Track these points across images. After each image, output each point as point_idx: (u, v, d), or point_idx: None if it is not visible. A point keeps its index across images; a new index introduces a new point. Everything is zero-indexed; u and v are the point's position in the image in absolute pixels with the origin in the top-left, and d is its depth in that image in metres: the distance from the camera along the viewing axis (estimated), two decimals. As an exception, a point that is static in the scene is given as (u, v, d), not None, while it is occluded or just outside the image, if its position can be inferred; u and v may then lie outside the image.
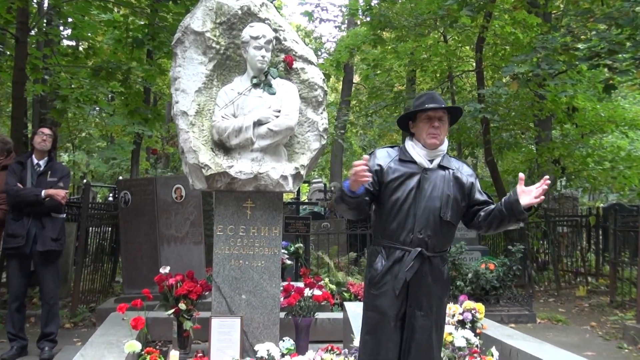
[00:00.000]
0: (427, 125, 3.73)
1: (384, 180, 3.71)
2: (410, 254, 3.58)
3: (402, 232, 3.62)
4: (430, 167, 3.72)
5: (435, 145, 3.72)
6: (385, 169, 3.72)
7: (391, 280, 3.62)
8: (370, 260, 3.80)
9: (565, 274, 12.44)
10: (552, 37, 9.54)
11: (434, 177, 3.69)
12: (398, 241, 3.63)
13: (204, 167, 4.97)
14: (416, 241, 3.59)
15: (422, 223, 3.61)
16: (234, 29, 5.35)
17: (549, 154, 13.17)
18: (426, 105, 3.73)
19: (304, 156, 5.33)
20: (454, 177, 3.75)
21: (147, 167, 19.82)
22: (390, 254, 3.65)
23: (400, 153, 3.81)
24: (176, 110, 5.13)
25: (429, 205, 3.63)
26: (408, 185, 3.67)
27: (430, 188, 3.66)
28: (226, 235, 5.22)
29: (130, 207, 8.53)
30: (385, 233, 3.70)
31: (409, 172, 3.70)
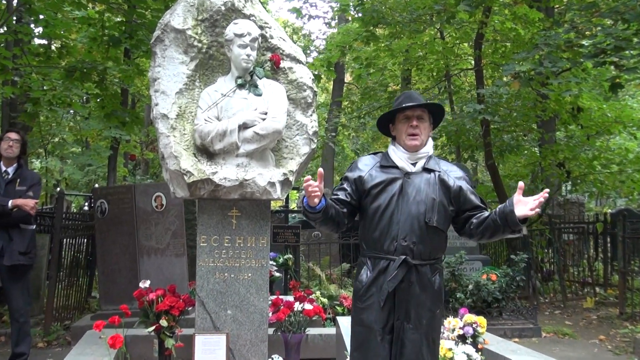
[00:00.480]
0: (406, 126, 3.76)
1: (365, 188, 3.73)
2: (394, 263, 3.58)
3: (385, 240, 3.63)
4: (413, 171, 3.74)
5: (415, 147, 3.74)
6: (365, 178, 3.75)
7: (376, 293, 3.62)
8: (357, 272, 3.82)
9: (572, 285, 12.47)
10: (555, 33, 9.59)
11: (417, 181, 3.71)
12: (382, 250, 3.64)
13: (185, 174, 4.95)
14: (400, 249, 3.60)
15: (406, 229, 3.61)
16: (217, 26, 5.35)
17: (553, 156, 13.21)
18: (403, 104, 3.75)
19: (293, 161, 5.32)
20: (439, 180, 3.75)
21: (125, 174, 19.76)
22: (376, 265, 3.66)
23: (382, 159, 3.83)
24: (156, 113, 5.11)
25: (413, 210, 3.63)
26: (390, 191, 3.68)
27: (414, 192, 3.67)
28: (210, 246, 5.21)
29: (107, 217, 8.49)
30: (370, 243, 3.72)
31: (391, 177, 3.71)
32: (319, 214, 3.49)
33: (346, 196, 3.74)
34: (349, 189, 3.78)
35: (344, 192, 3.78)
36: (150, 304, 5.60)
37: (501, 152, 13.79)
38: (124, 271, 8.28)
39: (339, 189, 3.82)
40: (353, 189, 3.76)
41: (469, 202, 3.79)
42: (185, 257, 8.12)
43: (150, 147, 19.53)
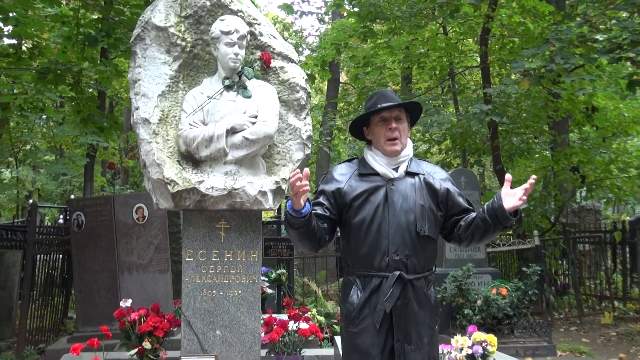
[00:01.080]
0: (384, 129, 3.72)
1: (345, 201, 3.67)
2: (387, 280, 3.53)
3: (375, 256, 3.58)
4: (396, 177, 3.70)
5: (396, 151, 3.71)
6: (344, 189, 3.69)
7: (370, 314, 3.57)
8: (344, 293, 3.74)
9: (589, 299, 12.49)
10: (567, 27, 9.64)
11: (402, 187, 3.68)
12: (372, 267, 3.58)
13: (169, 183, 4.95)
14: (393, 264, 3.55)
15: (397, 242, 3.57)
16: (202, 23, 5.35)
17: (566, 160, 13.26)
18: (378, 105, 3.71)
19: (286, 168, 5.32)
20: (425, 184, 3.73)
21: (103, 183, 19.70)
22: (367, 283, 3.60)
23: (360, 166, 3.79)
24: (136, 118, 5.11)
25: (402, 220, 3.60)
26: (374, 201, 3.64)
27: (400, 200, 3.63)
28: (197, 261, 5.20)
29: (84, 230, 8.48)
30: (357, 260, 3.65)
31: (373, 186, 3.67)
32: (304, 219, 3.39)
33: (324, 211, 3.66)
34: (327, 202, 3.70)
35: (321, 207, 3.69)
36: (132, 324, 5.59)
37: (510, 156, 13.85)
38: (103, 289, 8.26)
39: (315, 204, 3.72)
40: (332, 202, 3.70)
41: (457, 205, 3.79)
42: (169, 274, 8.11)
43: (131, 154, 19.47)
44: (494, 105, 11.85)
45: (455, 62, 15.62)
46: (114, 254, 8.19)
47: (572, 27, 9.58)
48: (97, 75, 10.83)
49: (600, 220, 15.95)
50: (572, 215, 15.41)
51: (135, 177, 21.51)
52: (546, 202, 14.02)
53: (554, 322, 10.83)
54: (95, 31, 10.14)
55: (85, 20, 10.68)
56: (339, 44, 14.14)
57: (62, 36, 11.17)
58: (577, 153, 13.41)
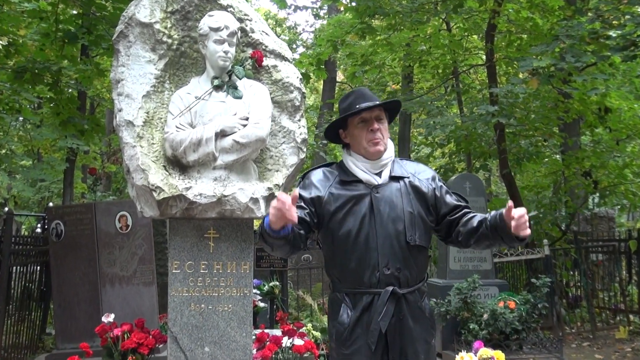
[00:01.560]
0: (364, 131, 3.69)
1: (326, 211, 3.65)
2: (380, 296, 3.51)
3: (364, 271, 3.55)
4: (380, 183, 3.68)
5: (379, 153, 3.68)
6: (325, 198, 3.67)
7: (363, 334, 3.54)
8: (333, 311, 3.71)
9: (602, 312, 12.50)
10: (578, 22, 9.66)
11: (387, 194, 3.65)
12: (362, 283, 3.56)
13: (155, 190, 4.94)
14: (384, 279, 3.53)
15: (387, 255, 3.54)
16: (189, 19, 5.36)
17: (578, 165, 13.28)
18: (357, 106, 3.68)
19: (279, 174, 5.32)
20: (412, 187, 3.70)
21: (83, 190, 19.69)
22: (357, 301, 3.58)
23: (341, 173, 3.76)
24: (119, 120, 5.11)
25: (390, 230, 3.57)
26: (358, 211, 3.61)
27: (386, 208, 3.60)
28: (184, 273, 5.19)
29: (63, 240, 8.47)
30: (345, 275, 3.63)
31: (356, 194, 3.64)
32: (281, 240, 3.36)
33: (306, 215, 3.61)
34: (308, 208, 3.66)
35: (302, 211, 3.61)
36: (115, 341, 5.58)
37: (518, 160, 13.87)
38: (83, 303, 8.25)
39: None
40: (312, 210, 3.66)
41: (447, 204, 3.76)
42: (154, 286, 8.10)
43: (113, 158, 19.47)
44: (500, 106, 11.87)
45: (459, 60, 15.66)
46: (96, 265, 8.18)
47: (583, 22, 9.61)
48: (78, 75, 10.82)
49: (614, 228, 15.97)
50: (584, 223, 15.43)
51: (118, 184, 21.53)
52: (556, 209, 14.05)
53: (565, 337, 10.84)
54: (75, 27, 10.13)
55: (64, 15, 10.67)
56: (336, 40, 14.16)
57: (40, 33, 11.16)
58: (590, 157, 13.42)
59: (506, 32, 14.09)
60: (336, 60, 20.08)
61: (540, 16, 12.75)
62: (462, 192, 10.82)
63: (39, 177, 18.34)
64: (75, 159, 14.71)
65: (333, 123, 3.88)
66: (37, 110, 15.85)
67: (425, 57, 15.10)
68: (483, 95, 16.00)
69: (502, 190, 23.66)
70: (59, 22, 10.48)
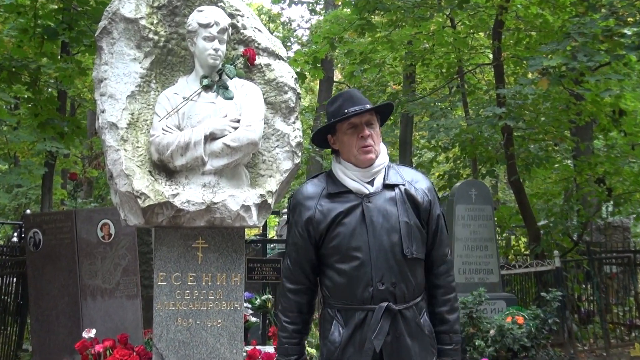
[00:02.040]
0: (354, 137, 3.65)
1: (319, 230, 3.63)
2: (374, 313, 3.48)
3: (357, 286, 3.53)
4: (372, 192, 3.64)
5: (371, 160, 3.65)
6: (316, 217, 3.64)
7: (356, 354, 3.52)
8: (323, 329, 3.71)
9: (616, 328, 12.50)
10: (591, 19, 9.68)
11: (380, 203, 3.61)
12: (355, 299, 3.54)
13: (139, 197, 4.94)
14: (379, 295, 3.50)
15: (381, 269, 3.51)
16: (177, 14, 5.36)
17: (591, 171, 13.29)
18: (345, 110, 3.64)
19: (272, 179, 5.32)
20: (407, 196, 3.66)
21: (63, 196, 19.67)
22: (349, 318, 3.56)
23: (329, 184, 3.73)
24: (102, 122, 5.11)
25: (384, 242, 3.54)
26: (349, 223, 3.58)
27: (379, 219, 3.57)
28: (170, 285, 5.19)
29: (41, 250, 8.46)
30: (336, 291, 3.62)
31: (347, 206, 3.61)
32: None
33: (306, 258, 3.72)
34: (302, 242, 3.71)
35: (300, 256, 3.73)
36: (97, 358, 5.58)
37: (527, 165, 13.87)
38: (63, 317, 8.23)
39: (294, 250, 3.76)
40: (306, 239, 3.69)
41: (437, 245, 3.76)
42: (139, 300, 8.09)
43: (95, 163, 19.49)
44: (508, 108, 11.88)
45: (465, 59, 15.68)
46: (76, 276, 8.17)
47: (596, 19, 9.62)
48: (58, 74, 10.82)
49: (629, 239, 15.98)
50: (598, 233, 15.44)
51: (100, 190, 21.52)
52: (568, 218, 14.04)
53: (577, 355, 10.84)
54: (55, 23, 10.13)
55: (44, 10, 10.68)
56: (333, 38, 14.15)
57: (18, 28, 11.16)
58: (603, 162, 13.43)
59: (514, 30, 14.11)
60: (333, 58, 20.08)
61: (550, 12, 12.78)
62: (468, 199, 10.86)
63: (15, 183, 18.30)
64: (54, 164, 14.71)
65: (321, 129, 3.85)
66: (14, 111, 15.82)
67: (429, 56, 15.10)
68: (490, 97, 16.01)
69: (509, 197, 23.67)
70: (37, 17, 10.48)
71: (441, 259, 3.75)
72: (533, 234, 13.07)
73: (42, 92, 11.05)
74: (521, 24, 13.76)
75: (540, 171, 15.02)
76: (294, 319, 3.74)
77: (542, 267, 11.43)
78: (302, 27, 27.38)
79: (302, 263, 3.70)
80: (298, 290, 3.73)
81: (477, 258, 10.88)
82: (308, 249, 3.68)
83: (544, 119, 12.92)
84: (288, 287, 3.75)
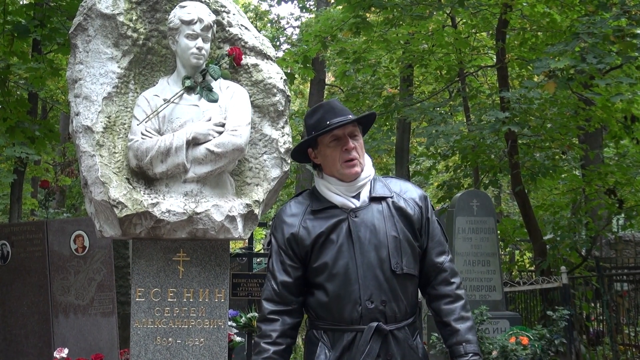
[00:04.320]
0: (338, 150, 3.65)
1: (303, 248, 3.64)
2: (363, 334, 3.49)
3: (345, 306, 3.54)
4: (358, 206, 3.65)
5: (356, 174, 3.66)
6: (300, 235, 3.65)
7: None
8: (308, 351, 3.72)
9: (627, 349, 12.52)
10: (601, 19, 9.72)
11: (368, 217, 3.62)
12: (342, 319, 3.55)
13: (116, 206, 4.93)
14: (368, 314, 3.51)
15: (370, 286, 3.52)
16: (157, 10, 5.37)
17: (601, 181, 13.32)
18: (327, 122, 3.64)
19: (259, 188, 5.32)
20: (395, 208, 3.67)
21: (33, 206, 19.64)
22: (336, 340, 3.57)
23: (313, 201, 3.74)
24: (76, 125, 5.10)
25: (372, 258, 3.55)
26: (335, 240, 3.59)
27: (367, 234, 3.58)
28: (149, 301, 5.18)
29: (9, 263, 8.44)
30: (322, 311, 3.63)
31: (332, 222, 3.62)
32: None
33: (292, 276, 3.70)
34: (289, 260, 3.70)
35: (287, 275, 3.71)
36: (69, 380, 5.56)
37: (532, 175, 13.90)
38: (32, 336, 8.21)
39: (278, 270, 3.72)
40: (291, 257, 3.69)
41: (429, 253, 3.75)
42: (115, 317, 8.07)
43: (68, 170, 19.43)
44: (512, 113, 11.89)
45: (466, 60, 15.70)
46: (47, 292, 8.14)
47: (607, 19, 9.66)
48: (28, 74, 10.81)
49: (641, 254, 16.02)
50: (608, 247, 15.48)
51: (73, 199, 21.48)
52: (576, 232, 14.07)
53: (585, 378, 10.86)
54: (26, 20, 10.12)
55: (14, 6, 10.68)
56: (325, 37, 14.16)
57: (-15, 25, 11.17)
58: (614, 172, 13.46)
59: (519, 29, 14.15)
60: (325, 59, 20.10)
61: (558, 11, 12.82)
62: (469, 210, 10.87)
63: (-19, 191, 18.30)
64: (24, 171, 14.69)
65: (301, 143, 3.84)
66: (-19, 114, 15.80)
67: (427, 57, 15.12)
68: (493, 101, 16.03)
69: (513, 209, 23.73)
70: (7, 13, 10.46)
71: (437, 267, 3.74)
72: (538, 249, 13.09)
73: (12, 94, 11.02)
74: (527, 23, 13.81)
75: (547, 181, 15.05)
76: (276, 338, 3.66)
77: (548, 284, 11.45)
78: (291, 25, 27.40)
79: (288, 282, 3.68)
80: (284, 312, 3.70)
81: (478, 274, 10.86)
82: (294, 267, 3.67)
83: (551, 125, 12.95)
84: (272, 309, 3.69)
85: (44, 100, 18.32)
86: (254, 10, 26.87)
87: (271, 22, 26.51)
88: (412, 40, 14.38)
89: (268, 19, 26.57)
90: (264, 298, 3.72)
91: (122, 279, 8.82)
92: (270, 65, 5.51)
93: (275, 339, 3.64)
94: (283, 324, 3.68)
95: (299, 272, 3.67)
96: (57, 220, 11.31)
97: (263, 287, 3.79)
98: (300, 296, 3.72)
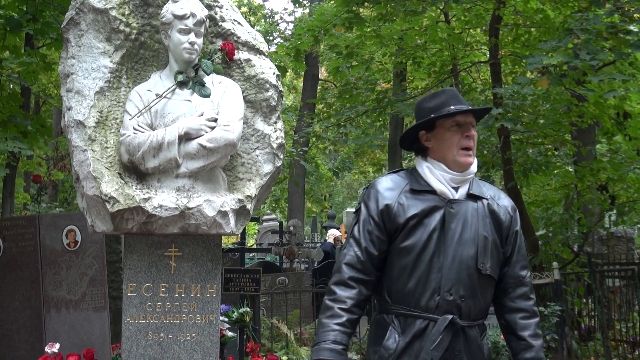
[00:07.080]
0: (458, 136, 3.65)
1: (395, 223, 3.61)
2: (436, 324, 3.48)
3: (423, 293, 3.53)
4: (456, 198, 3.64)
5: (469, 165, 3.65)
6: (395, 209, 3.62)
7: None
8: (376, 335, 3.69)
9: (619, 345, 12.54)
10: (595, 15, 9.72)
11: (463, 212, 3.61)
12: (418, 306, 3.54)
13: (108, 201, 4.92)
14: (444, 305, 3.50)
15: (452, 279, 3.52)
16: (150, 4, 5.36)
17: (593, 177, 13.33)
18: (451, 106, 3.64)
19: (252, 183, 5.32)
20: (490, 212, 3.67)
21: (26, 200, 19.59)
22: (408, 326, 3.55)
23: (412, 180, 3.71)
24: (68, 120, 5.09)
25: (460, 252, 3.54)
26: (428, 225, 3.58)
27: (459, 228, 3.57)
28: (141, 297, 5.18)
29: (1, 258, 8.42)
30: (398, 295, 3.61)
31: (428, 206, 3.60)
32: None
33: (377, 248, 3.65)
34: (377, 231, 3.65)
35: (373, 245, 3.66)
36: (60, 375, 5.55)
37: (525, 171, 13.89)
38: (24, 331, 8.19)
39: (365, 238, 3.67)
40: (381, 228, 3.64)
41: (513, 265, 3.75)
42: (107, 312, 8.06)
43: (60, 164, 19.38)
44: (505, 109, 11.88)
45: (459, 56, 15.69)
46: (39, 287, 8.12)
47: (600, 15, 9.66)
48: (21, 68, 10.77)
49: (633, 250, 16.04)
50: (600, 244, 15.50)
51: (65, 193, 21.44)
52: (568, 228, 14.07)
53: (577, 374, 10.88)
54: (18, 14, 10.08)
55: (6, 0, 10.62)
56: (319, 31, 14.13)
57: (-23, 20, 11.13)
58: (606, 168, 13.45)
59: (513, 25, 14.14)
60: (319, 55, 20.07)
61: (551, 7, 12.82)
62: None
63: (-27, 186, 18.24)
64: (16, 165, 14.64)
65: (420, 123, 3.76)
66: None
67: (420, 53, 15.11)
68: (486, 97, 16.00)
69: (506, 205, 23.67)
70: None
71: (519, 280, 3.75)
72: (530, 245, 13.08)
73: (4, 88, 10.98)
74: (520, 19, 13.80)
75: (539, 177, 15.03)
76: (351, 307, 3.62)
77: (540, 279, 11.45)
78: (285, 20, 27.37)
79: (373, 254, 3.65)
80: (363, 281, 3.66)
81: (470, 270, 10.84)
82: (382, 240, 3.65)
83: (544, 122, 12.94)
84: (352, 275, 3.64)
85: (36, 95, 18.28)
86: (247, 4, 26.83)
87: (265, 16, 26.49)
88: (405, 36, 14.35)
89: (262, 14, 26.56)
90: (345, 262, 3.67)
91: (114, 273, 8.80)
92: (263, 60, 5.51)
93: (350, 306, 3.61)
94: (360, 294, 3.65)
95: (384, 246, 3.65)
96: (49, 215, 11.29)
97: (343, 251, 3.74)
98: (378, 271, 3.69)
